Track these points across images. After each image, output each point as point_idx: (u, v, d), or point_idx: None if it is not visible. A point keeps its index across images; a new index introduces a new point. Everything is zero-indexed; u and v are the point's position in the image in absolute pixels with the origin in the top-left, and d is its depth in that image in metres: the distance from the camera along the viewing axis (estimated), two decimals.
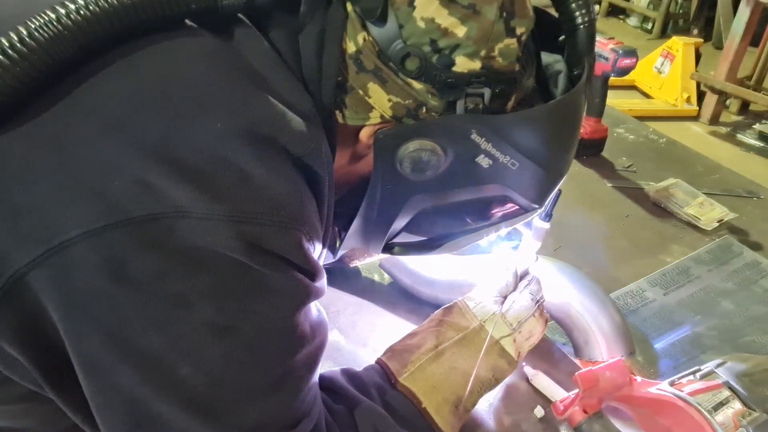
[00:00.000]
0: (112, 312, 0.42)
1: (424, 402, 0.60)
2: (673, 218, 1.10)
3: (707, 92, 3.60)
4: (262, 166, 0.44)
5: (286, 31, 0.51)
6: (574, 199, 1.14)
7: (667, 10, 4.78)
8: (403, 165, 0.51)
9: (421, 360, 0.63)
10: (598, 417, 0.65)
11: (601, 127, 1.27)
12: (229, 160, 0.43)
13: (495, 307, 0.67)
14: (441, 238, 0.62)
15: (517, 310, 0.67)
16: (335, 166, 0.53)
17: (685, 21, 4.90)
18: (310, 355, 0.50)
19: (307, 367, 0.50)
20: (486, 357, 0.64)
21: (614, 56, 1.14)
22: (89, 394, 0.45)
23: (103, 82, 0.45)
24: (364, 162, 0.57)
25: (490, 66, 0.50)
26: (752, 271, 0.97)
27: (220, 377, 0.45)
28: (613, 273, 0.95)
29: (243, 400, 0.46)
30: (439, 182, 0.53)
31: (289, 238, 0.46)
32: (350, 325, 0.80)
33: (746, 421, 0.60)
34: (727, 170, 1.29)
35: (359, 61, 0.50)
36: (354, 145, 0.55)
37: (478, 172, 0.52)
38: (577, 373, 0.65)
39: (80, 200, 0.41)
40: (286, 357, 0.48)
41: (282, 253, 0.45)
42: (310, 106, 0.50)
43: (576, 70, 0.54)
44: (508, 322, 0.66)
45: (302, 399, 0.50)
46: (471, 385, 0.62)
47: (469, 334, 0.65)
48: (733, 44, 3.37)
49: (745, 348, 0.82)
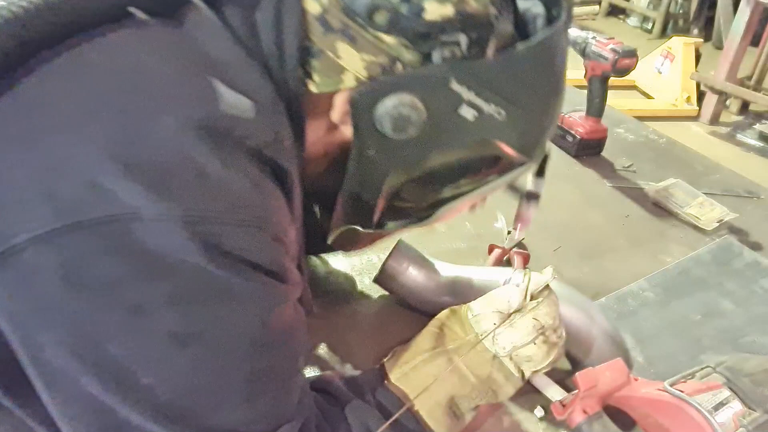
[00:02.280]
0: (70, 320, 0.40)
1: (416, 403, 0.58)
2: (673, 218, 1.10)
3: (707, 92, 3.60)
4: (218, 161, 0.42)
5: (240, 6, 0.49)
6: (574, 199, 1.14)
7: (667, 10, 4.78)
8: (383, 124, 0.49)
9: (417, 360, 0.61)
10: (598, 417, 0.65)
11: (601, 127, 1.27)
12: (183, 157, 0.41)
13: (489, 325, 0.62)
14: (433, 205, 0.58)
15: (511, 334, 0.62)
16: (311, 140, 0.51)
17: (685, 21, 4.90)
18: (287, 358, 0.48)
19: (284, 371, 0.48)
20: (482, 369, 0.61)
21: (614, 56, 1.14)
22: (53, 406, 0.43)
23: (49, 78, 0.42)
24: (342, 130, 0.54)
25: (462, 10, 0.47)
26: (752, 271, 0.97)
27: (187, 386, 0.43)
28: (613, 273, 0.95)
29: (214, 408, 0.44)
30: (423, 141, 0.50)
31: (252, 238, 0.43)
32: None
33: (746, 421, 0.60)
34: (727, 170, 1.29)
35: (325, 20, 0.48)
36: (329, 115, 0.53)
37: (463, 125, 0.49)
38: (577, 373, 0.65)
39: (30, 203, 0.39)
40: (257, 364, 0.46)
41: (244, 254, 0.43)
42: (269, 91, 0.48)
43: (554, 10, 0.53)
44: (500, 345, 0.61)
45: (280, 404, 0.48)
46: (466, 390, 0.60)
47: (465, 344, 0.62)
48: (733, 44, 3.38)
49: (745, 348, 0.82)
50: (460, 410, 0.61)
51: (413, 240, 0.94)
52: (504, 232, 0.98)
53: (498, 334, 0.62)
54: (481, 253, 0.95)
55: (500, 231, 1.00)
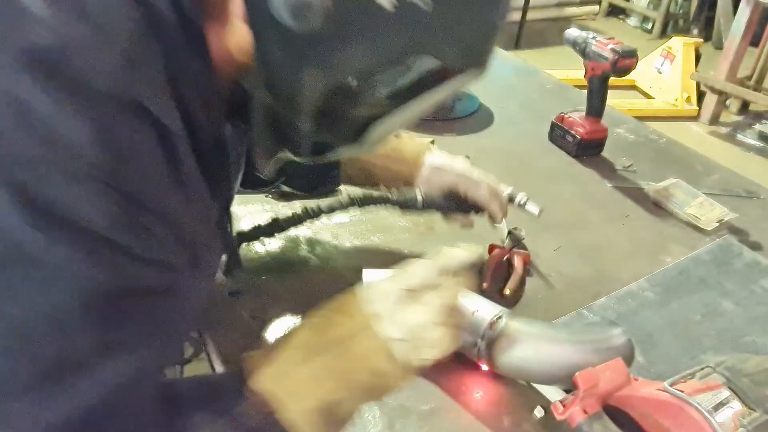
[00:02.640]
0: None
1: (286, 409, 0.49)
2: (673, 218, 1.10)
3: (707, 92, 3.60)
4: (47, 98, 0.35)
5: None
6: (574, 199, 1.14)
7: (667, 10, 4.78)
8: (280, 11, 0.42)
9: (290, 359, 0.52)
10: (598, 417, 0.65)
11: (601, 127, 1.27)
12: (5, 94, 0.35)
13: (384, 305, 0.52)
14: (366, 123, 0.51)
15: (408, 316, 0.52)
16: (215, 45, 0.44)
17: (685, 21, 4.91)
18: (127, 364, 0.40)
19: (111, 372, 0.40)
20: (367, 360, 0.51)
21: (614, 56, 1.14)
22: None
23: None
24: (244, 34, 0.46)
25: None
26: (752, 271, 0.97)
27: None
28: (613, 273, 0.95)
29: (9, 400, 0.37)
30: (332, 35, 0.43)
31: (88, 195, 0.36)
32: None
33: (746, 421, 0.60)
34: (727, 170, 1.29)
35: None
36: (228, 7, 0.45)
37: (380, 17, 0.42)
38: (577, 373, 0.65)
39: None
40: (71, 357, 0.38)
41: (71, 214, 0.36)
42: (130, 8, 0.39)
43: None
44: (398, 324, 0.52)
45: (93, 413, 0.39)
46: (346, 391, 0.51)
47: (352, 330, 0.52)
48: (733, 44, 3.38)
49: (745, 348, 0.82)
50: (341, 414, 0.52)
51: (412, 241, 0.94)
52: (504, 232, 0.99)
53: (397, 313, 0.52)
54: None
55: (500, 231, 1.00)
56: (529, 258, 0.94)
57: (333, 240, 0.95)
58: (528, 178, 1.18)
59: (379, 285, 0.55)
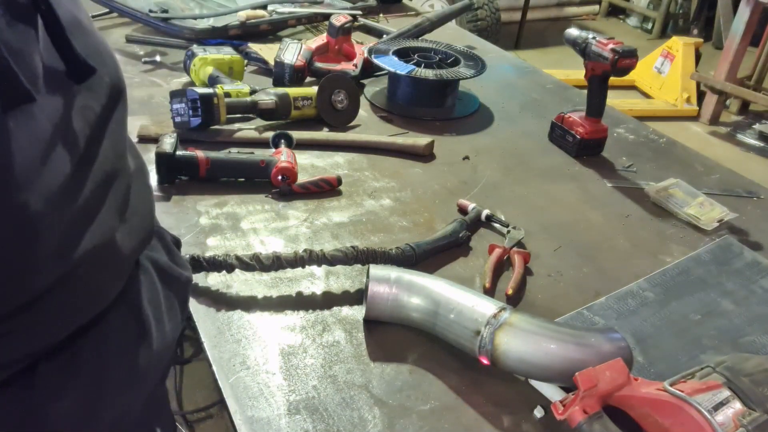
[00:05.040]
0: None
1: None
2: (673, 218, 1.10)
3: (707, 92, 3.61)
4: None
5: None
6: (574, 199, 1.14)
7: (667, 10, 4.79)
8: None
9: None
10: (598, 417, 0.65)
11: (601, 127, 1.27)
12: None
13: None
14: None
15: None
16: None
17: (685, 21, 4.91)
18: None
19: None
20: None
21: (614, 56, 1.14)
22: None
23: None
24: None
25: None
26: (752, 271, 0.97)
27: None
28: (613, 273, 0.95)
29: None
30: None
31: None
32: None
33: (746, 421, 0.60)
34: (727, 170, 1.29)
35: None
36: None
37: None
38: (577, 373, 0.65)
39: None
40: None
41: None
42: None
43: None
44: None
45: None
46: None
47: None
48: (733, 44, 3.38)
49: (745, 348, 0.82)
50: None
51: (412, 241, 0.94)
52: (503, 232, 0.99)
53: None
54: (481, 252, 0.95)
55: (500, 231, 1.00)
56: (529, 257, 0.94)
57: (333, 240, 0.95)
58: (528, 178, 1.18)
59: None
